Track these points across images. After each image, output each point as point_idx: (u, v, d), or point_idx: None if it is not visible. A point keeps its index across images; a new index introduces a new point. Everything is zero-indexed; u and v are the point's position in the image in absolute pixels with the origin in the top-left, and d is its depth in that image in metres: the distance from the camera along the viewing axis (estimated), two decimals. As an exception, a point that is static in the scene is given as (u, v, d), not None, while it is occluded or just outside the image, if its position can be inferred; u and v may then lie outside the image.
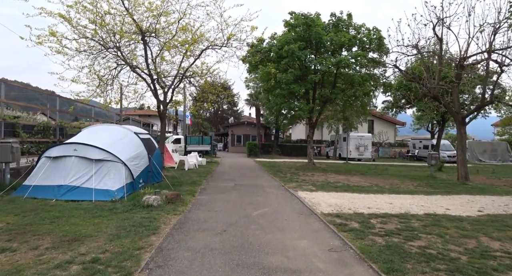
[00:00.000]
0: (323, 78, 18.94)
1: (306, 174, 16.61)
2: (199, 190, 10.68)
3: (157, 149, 12.02)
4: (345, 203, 8.97)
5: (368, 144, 33.65)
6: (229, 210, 7.84)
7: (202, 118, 58.16)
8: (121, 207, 7.51)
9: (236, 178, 14.50)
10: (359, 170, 19.97)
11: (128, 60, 14.54)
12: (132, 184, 9.34)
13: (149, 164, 10.65)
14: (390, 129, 47.43)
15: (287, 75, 17.54)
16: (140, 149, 10.24)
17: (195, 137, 30.57)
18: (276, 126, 39.89)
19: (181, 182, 12.24)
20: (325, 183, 13.22)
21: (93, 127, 10.73)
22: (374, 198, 9.97)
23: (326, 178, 15.34)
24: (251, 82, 40.54)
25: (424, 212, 8.08)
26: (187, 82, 16.91)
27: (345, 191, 11.29)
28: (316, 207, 8.22)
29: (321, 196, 10.05)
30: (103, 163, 8.76)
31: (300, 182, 13.30)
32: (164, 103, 15.67)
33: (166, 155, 18.41)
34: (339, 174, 17.54)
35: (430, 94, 14.82)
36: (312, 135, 20.89)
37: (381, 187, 12.74)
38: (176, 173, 15.13)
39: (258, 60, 19.26)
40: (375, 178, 15.91)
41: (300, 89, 18.18)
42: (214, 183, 12.83)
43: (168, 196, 8.19)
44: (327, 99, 19.99)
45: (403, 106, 29.46)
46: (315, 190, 11.28)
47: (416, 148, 38.98)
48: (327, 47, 19.24)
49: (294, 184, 12.59)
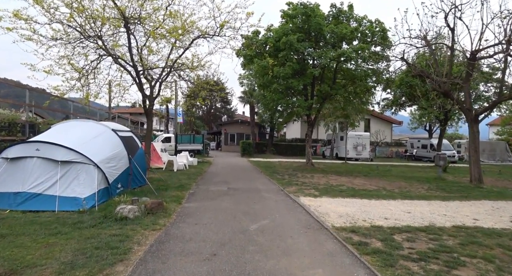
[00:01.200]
0: (323, 72, 17.65)
1: (305, 176, 15.33)
2: (186, 196, 9.31)
3: (140, 148, 10.62)
4: (357, 212, 7.68)
5: (366, 143, 32.57)
6: (221, 222, 6.49)
7: (195, 116, 56.66)
8: (89, 220, 6.13)
9: (229, 181, 13.16)
10: (361, 171, 18.76)
11: (111, 51, 13.12)
12: (107, 190, 7.95)
13: (130, 166, 9.26)
14: (386, 128, 46.41)
15: (285, 69, 16.22)
16: (118, 149, 8.84)
17: (186, 135, 29.12)
18: (271, 124, 38.59)
19: (167, 186, 10.86)
20: (328, 187, 11.95)
21: (64, 123, 9.29)
22: (388, 205, 8.71)
23: (327, 180, 14.08)
24: (245, 79, 39.17)
25: (452, 224, 6.84)
26: (177, 76, 15.51)
27: (353, 196, 10.02)
28: (324, 219, 6.91)
29: (327, 203, 8.76)
30: (71, 166, 7.35)
31: (301, 186, 12.01)
32: (151, 98, 14.26)
33: (154, 154, 17.00)
34: (340, 175, 16.30)
35: (440, 89, 13.63)
36: (310, 133, 19.61)
37: (390, 191, 11.51)
38: (163, 175, 13.74)
39: (253, 53, 17.93)
40: (380, 180, 14.70)
41: (298, 84, 16.88)
42: (204, 186, 11.47)
43: (148, 206, 6.82)
44: (327, 96, 18.71)
45: (403, 104, 28.33)
46: (319, 195, 9.99)
47: (414, 147, 38.03)
48: (327, 40, 17.95)
49: (295, 188, 11.29)
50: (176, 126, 36.90)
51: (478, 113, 13.56)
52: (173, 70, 14.48)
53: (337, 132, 33.72)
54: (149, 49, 13.83)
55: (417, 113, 45.42)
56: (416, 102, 27.28)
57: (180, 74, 15.41)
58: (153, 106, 14.47)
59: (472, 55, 13.16)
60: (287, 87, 17.18)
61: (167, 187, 10.59)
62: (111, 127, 9.31)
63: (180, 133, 33.10)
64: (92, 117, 16.49)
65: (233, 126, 42.30)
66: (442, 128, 26.13)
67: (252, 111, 34.54)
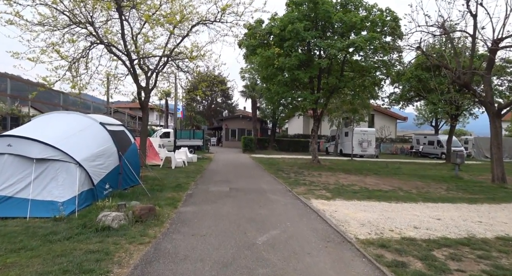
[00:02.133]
0: (331, 64, 16.52)
1: (312, 174, 14.29)
2: (184, 198, 8.28)
3: (132, 144, 9.58)
4: (380, 219, 6.64)
5: (372, 139, 31.53)
6: (222, 233, 5.47)
7: (195, 111, 55.58)
8: (64, 230, 5.11)
9: (231, 180, 12.12)
10: (370, 169, 17.72)
11: (103, 38, 12.05)
12: (92, 192, 6.92)
13: (120, 163, 8.22)
14: (391, 124, 45.27)
15: (291, 60, 15.10)
16: (106, 145, 7.80)
17: (186, 130, 28.06)
18: (273, 120, 37.51)
19: (163, 185, 9.83)
20: (339, 187, 10.91)
21: (46, 115, 8.23)
22: (412, 210, 7.67)
23: (337, 179, 13.05)
24: (246, 72, 38.04)
25: (494, 235, 5.80)
26: (175, 67, 14.42)
27: (369, 198, 8.98)
28: (345, 228, 5.88)
29: (344, 207, 7.72)
30: (49, 164, 6.31)
31: (309, 186, 10.98)
32: (147, 90, 13.21)
33: (150, 150, 15.97)
34: (349, 173, 15.26)
35: (459, 81, 12.54)
36: (316, 129, 18.53)
37: (408, 192, 10.48)
38: (160, 173, 12.71)
39: (257, 43, 16.82)
40: (393, 179, 13.67)
41: (305, 76, 15.78)
42: (204, 186, 10.44)
43: (136, 212, 5.78)
44: (334, 89, 17.62)
45: (411, 99, 27.18)
46: (332, 197, 8.95)
47: (420, 144, 36.98)
48: (335, 29, 16.85)
49: (303, 189, 10.25)
50: (176, 121, 35.87)
51: (502, 107, 12.46)
52: (170, 59, 13.40)
53: (342, 128, 32.66)
54: (145, 37, 12.76)
55: (422, 108, 44.41)
56: (425, 97, 26.16)
57: (178, 64, 14.34)
58: (149, 98, 13.42)
59: (494, 43, 12.05)
60: (293, 79, 16.08)
61: (162, 187, 9.56)
62: (98, 120, 8.25)
63: (180, 128, 32.02)
64: (85, 111, 15.42)
65: (234, 121, 41.22)
66: (453, 123, 24.97)
67: (254, 106, 33.43)
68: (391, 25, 16.52)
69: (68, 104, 15.14)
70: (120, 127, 9.46)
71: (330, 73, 17.81)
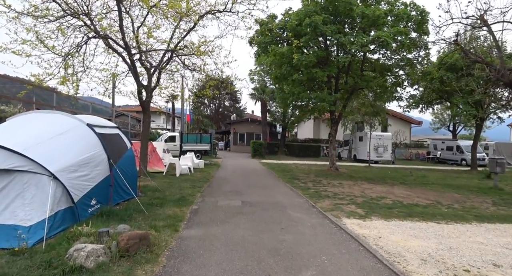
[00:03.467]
0: (351, 61, 15.00)
1: (332, 184, 12.75)
2: (187, 216, 6.81)
3: (128, 150, 8.16)
4: (442, 250, 5.08)
5: (388, 144, 29.92)
6: (238, 274, 3.98)
7: (202, 114, 54.36)
8: (19, 272, 3.67)
9: (242, 190, 10.63)
10: (394, 178, 16.09)
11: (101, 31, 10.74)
12: (72, 211, 5.49)
13: (111, 173, 6.80)
14: (405, 129, 43.41)
15: (309, 56, 13.64)
16: (93, 151, 6.39)
17: (193, 134, 26.70)
18: (283, 123, 35.98)
19: (164, 198, 8.39)
20: (368, 200, 9.37)
21: (23, 115, 6.86)
22: (472, 235, 6.08)
23: (361, 190, 11.49)
24: (256, 74, 36.68)
25: None
26: (180, 64, 13.04)
27: (410, 216, 7.42)
28: (403, 267, 4.33)
29: (387, 230, 6.17)
30: (14, 177, 4.92)
31: (334, 198, 9.45)
32: (148, 89, 11.84)
33: (153, 156, 14.59)
34: (373, 183, 13.68)
35: (504, 79, 10.94)
36: (334, 133, 16.97)
37: (450, 207, 8.89)
38: (162, 181, 11.29)
39: (269, 39, 15.42)
40: (424, 190, 12.07)
41: (323, 75, 14.28)
42: (212, 199, 8.96)
43: (122, 243, 4.31)
44: (354, 89, 16.11)
45: (432, 102, 25.46)
46: (366, 215, 7.40)
47: (437, 149, 35.08)
48: (355, 24, 15.36)
49: (328, 203, 8.72)
50: (183, 124, 34.57)
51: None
52: (175, 55, 12.03)
53: (356, 132, 31.05)
54: (148, 32, 11.44)
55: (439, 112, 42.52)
56: (447, 99, 24.45)
57: (184, 62, 12.96)
58: (150, 98, 12.04)
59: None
60: (310, 78, 14.60)
61: (163, 200, 8.12)
62: (86, 121, 6.84)
63: (186, 132, 30.69)
64: (81, 113, 14.11)
65: (243, 125, 39.81)
66: (477, 128, 23.18)
67: (264, 109, 31.94)
68: (417, 20, 14.98)
69: (65, 105, 13.83)
70: (114, 130, 8.06)
71: (349, 72, 16.31)
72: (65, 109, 13.13)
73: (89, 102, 15.95)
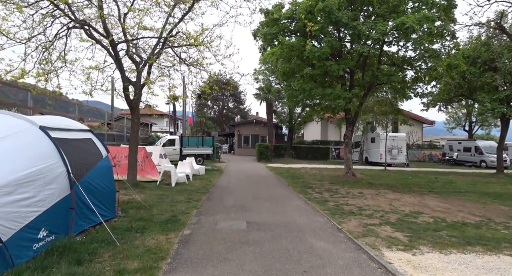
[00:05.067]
0: (369, 53, 13.18)
1: (352, 194, 10.95)
2: (173, 251, 5.03)
3: (103, 159, 6.44)
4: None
5: (403, 146, 28.06)
6: None
7: (206, 116, 52.71)
8: None
9: (248, 204, 8.86)
10: (418, 184, 14.22)
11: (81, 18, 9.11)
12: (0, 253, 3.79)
13: (72, 192, 5.09)
14: (417, 129, 41.33)
15: (322, 47, 11.88)
16: (44, 163, 4.67)
17: (194, 137, 24.94)
18: (290, 125, 34.18)
19: (149, 219, 6.64)
20: (403, 218, 7.56)
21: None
22: None
23: (389, 201, 9.69)
24: (260, 74, 34.94)
25: None
26: (175, 57, 11.34)
27: (469, 244, 5.61)
28: None
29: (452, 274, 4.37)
30: None
31: (360, 215, 7.66)
32: (137, 85, 10.16)
33: (146, 163, 12.89)
34: (398, 191, 11.86)
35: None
36: (350, 134, 15.16)
37: (507, 226, 7.07)
38: (153, 194, 9.56)
39: (276, 30, 13.69)
40: (462, 201, 10.26)
41: (338, 69, 12.48)
42: (210, 218, 7.21)
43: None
44: (372, 85, 14.29)
45: (452, 99, 23.51)
46: (411, 244, 5.57)
47: (453, 150, 32.99)
48: (374, 11, 13.57)
49: (356, 223, 6.91)
50: (185, 127, 32.86)
51: None
52: (168, 45, 10.34)
53: (368, 133, 29.19)
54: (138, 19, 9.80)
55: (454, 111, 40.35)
56: (469, 96, 22.51)
57: (180, 55, 11.27)
58: (140, 96, 10.35)
59: None
60: (323, 72, 12.82)
61: (147, 222, 6.39)
62: (39, 122, 5.14)
63: (187, 134, 28.99)
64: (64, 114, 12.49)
65: (247, 127, 38.05)
66: (504, 126, 21.15)
67: (270, 109, 30.12)
68: (442, 6, 13.16)
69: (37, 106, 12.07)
70: (84, 134, 6.34)
71: (366, 66, 14.51)
72: (45, 111, 11.47)
73: (71, 101, 14.28)
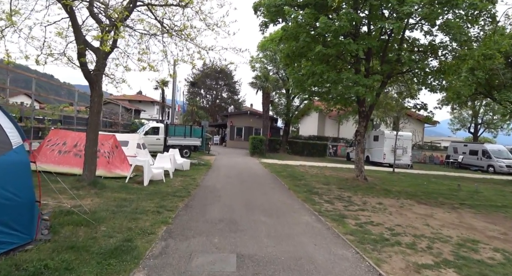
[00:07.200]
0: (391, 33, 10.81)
1: (371, 204, 8.67)
2: None
3: (11, 151, 3.99)
4: None
5: (408, 146, 26.12)
6: None
7: (198, 105, 49.93)
8: None
9: (239, 220, 6.47)
10: (440, 192, 12.00)
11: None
12: None
13: None
14: (418, 129, 39.29)
15: (341, 21, 9.44)
16: None
17: (181, 126, 22.40)
18: (286, 117, 31.79)
19: (87, 247, 4.21)
20: (459, 252, 5.28)
21: None
22: None
23: (422, 218, 7.45)
24: (258, 62, 32.40)
25: None
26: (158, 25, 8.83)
27: None
28: None
29: None
30: None
31: (397, 244, 5.36)
32: (99, 53, 7.64)
33: (115, 155, 10.39)
34: (424, 203, 9.61)
35: None
36: (364, 130, 12.81)
37: None
38: (113, 197, 7.11)
39: (282, 1, 11.27)
40: (503, 219, 8.10)
41: (358, 49, 10.07)
42: (183, 244, 4.82)
43: None
44: (392, 72, 11.96)
45: (467, 98, 21.37)
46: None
47: (458, 153, 31.02)
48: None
49: (401, 263, 4.57)
50: (173, 114, 30.19)
51: None
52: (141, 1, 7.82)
53: (371, 131, 27.08)
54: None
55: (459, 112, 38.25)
56: (488, 95, 20.39)
57: (162, 21, 8.77)
58: (103, 67, 7.83)
59: None
60: (338, 53, 10.42)
61: (79, 254, 3.98)
62: None
63: (173, 123, 26.42)
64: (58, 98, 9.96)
65: (241, 118, 35.58)
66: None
67: (266, 100, 27.59)
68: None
69: None
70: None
71: (386, 50, 12.14)
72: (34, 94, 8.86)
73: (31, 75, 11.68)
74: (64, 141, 10.06)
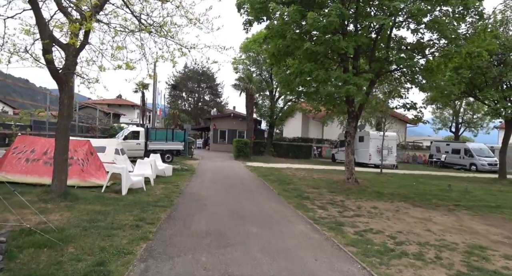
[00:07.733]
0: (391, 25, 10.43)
1: (367, 210, 8.20)
2: None
3: None
4: None
5: (393, 146, 26.14)
6: None
7: (179, 109, 48.84)
8: None
9: (227, 233, 5.84)
10: (432, 193, 11.75)
11: None
12: None
13: None
14: (400, 128, 39.50)
15: (329, 14, 8.98)
16: None
17: (163, 130, 21.56)
18: (271, 119, 31.33)
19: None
20: (471, 262, 4.86)
21: None
22: None
23: (422, 225, 7.02)
24: (240, 64, 31.85)
25: None
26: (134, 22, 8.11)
27: None
28: None
29: None
30: None
31: (404, 255, 4.88)
32: (69, 50, 6.88)
33: (90, 162, 9.56)
34: (419, 206, 9.25)
35: None
36: (354, 131, 12.42)
37: None
38: (87, 209, 6.35)
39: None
40: (508, 222, 7.80)
41: (347, 46, 9.64)
42: (165, 266, 4.15)
43: None
44: (380, 71, 11.62)
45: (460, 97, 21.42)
46: None
47: (441, 152, 31.30)
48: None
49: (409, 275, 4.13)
50: (154, 117, 29.20)
51: None
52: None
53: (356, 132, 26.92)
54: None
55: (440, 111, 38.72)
56: (472, 94, 20.46)
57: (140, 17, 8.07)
58: (74, 66, 7.06)
59: None
60: (327, 50, 9.98)
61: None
62: None
63: (154, 127, 25.50)
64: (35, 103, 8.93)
65: (224, 121, 34.86)
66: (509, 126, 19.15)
67: (250, 101, 26.99)
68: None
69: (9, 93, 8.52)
70: None
71: (374, 48, 11.80)
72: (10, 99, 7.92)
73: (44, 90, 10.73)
74: (32, 148, 9.18)
